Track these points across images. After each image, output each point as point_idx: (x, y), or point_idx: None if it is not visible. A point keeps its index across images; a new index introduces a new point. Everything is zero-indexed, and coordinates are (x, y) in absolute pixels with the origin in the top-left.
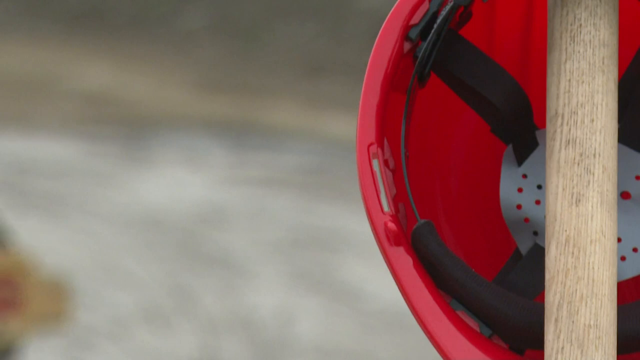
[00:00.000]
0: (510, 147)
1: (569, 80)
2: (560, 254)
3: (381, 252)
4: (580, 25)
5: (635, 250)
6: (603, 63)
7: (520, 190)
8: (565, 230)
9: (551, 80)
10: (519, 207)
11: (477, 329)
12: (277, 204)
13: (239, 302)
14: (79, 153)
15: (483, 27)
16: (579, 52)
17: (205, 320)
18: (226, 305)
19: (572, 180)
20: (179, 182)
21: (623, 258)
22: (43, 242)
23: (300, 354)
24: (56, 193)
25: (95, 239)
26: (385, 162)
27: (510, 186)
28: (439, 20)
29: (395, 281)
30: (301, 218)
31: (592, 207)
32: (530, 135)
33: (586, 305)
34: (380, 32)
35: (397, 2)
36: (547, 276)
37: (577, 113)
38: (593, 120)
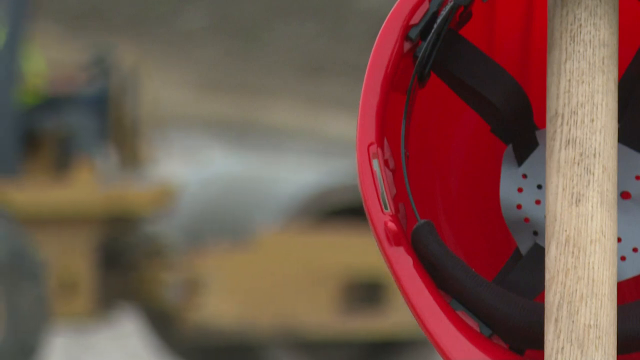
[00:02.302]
0: (510, 147)
1: (569, 80)
2: (560, 254)
3: (381, 252)
4: (580, 25)
5: (635, 250)
6: (603, 63)
7: (520, 190)
8: (565, 230)
9: (551, 80)
10: (519, 207)
11: (477, 329)
12: None
13: None
14: None
15: (483, 27)
16: (579, 52)
17: None
18: None
19: (572, 180)
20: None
21: (623, 258)
22: None
23: None
24: None
25: None
26: (385, 162)
27: (510, 186)
28: (439, 20)
29: (395, 281)
30: None
31: (592, 207)
32: (530, 135)
33: (586, 305)
34: (380, 32)
35: (397, 2)
36: (547, 276)
37: (577, 113)
38: (593, 120)
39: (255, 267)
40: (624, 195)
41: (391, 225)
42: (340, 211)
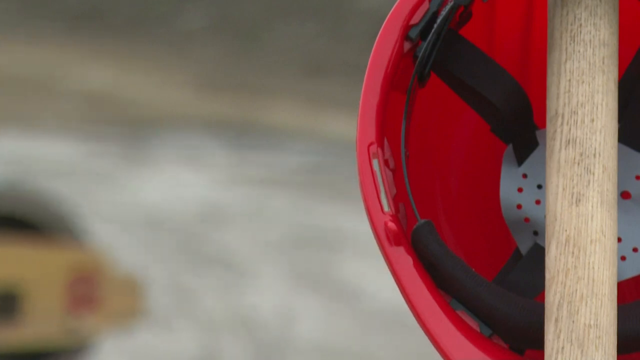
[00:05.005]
0: (510, 147)
1: (569, 80)
2: (561, 254)
3: (381, 252)
4: (581, 25)
5: (635, 250)
6: (603, 63)
7: (520, 190)
8: (566, 230)
9: (551, 80)
10: (519, 207)
11: (477, 329)
12: (277, 204)
13: (239, 302)
14: (79, 153)
15: (483, 27)
16: (579, 52)
17: (205, 320)
18: (226, 305)
19: (572, 180)
20: (179, 182)
21: (623, 258)
22: None
23: (300, 353)
24: (57, 193)
25: (94, 239)
26: (385, 162)
27: (510, 186)
28: (439, 20)
29: (395, 281)
30: (301, 218)
31: (592, 207)
32: (530, 135)
33: (586, 305)
34: (380, 32)
35: (397, 2)
36: (547, 276)
37: (577, 113)
38: (593, 120)
39: None
40: (624, 195)
41: (391, 225)
42: None
